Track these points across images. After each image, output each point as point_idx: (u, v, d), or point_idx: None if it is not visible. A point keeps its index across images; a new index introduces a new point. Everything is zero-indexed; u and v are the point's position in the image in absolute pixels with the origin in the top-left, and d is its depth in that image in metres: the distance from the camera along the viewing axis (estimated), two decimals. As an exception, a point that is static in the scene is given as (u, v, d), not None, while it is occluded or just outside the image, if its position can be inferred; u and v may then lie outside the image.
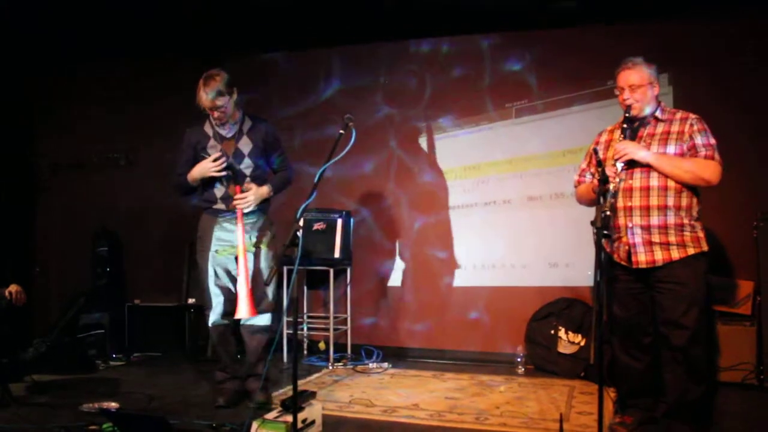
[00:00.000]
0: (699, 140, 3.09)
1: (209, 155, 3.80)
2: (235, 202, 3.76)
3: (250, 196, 3.77)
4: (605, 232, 2.75)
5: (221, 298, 3.89)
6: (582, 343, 4.71)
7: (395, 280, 5.67)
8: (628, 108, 3.17)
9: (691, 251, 3.08)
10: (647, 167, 3.10)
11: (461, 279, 5.49)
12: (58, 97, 6.59)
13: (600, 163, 2.96)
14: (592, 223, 2.78)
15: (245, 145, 3.85)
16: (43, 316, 6.21)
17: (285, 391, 4.15)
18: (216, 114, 3.74)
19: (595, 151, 3.12)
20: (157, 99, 6.30)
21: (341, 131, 3.05)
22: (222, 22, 5.43)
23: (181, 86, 6.20)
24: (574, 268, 5.15)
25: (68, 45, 5.85)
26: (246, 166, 3.84)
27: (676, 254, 3.07)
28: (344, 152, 2.93)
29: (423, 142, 5.71)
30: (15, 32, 5.41)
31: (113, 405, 3.76)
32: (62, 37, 5.65)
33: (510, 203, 5.42)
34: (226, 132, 3.85)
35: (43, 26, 5.34)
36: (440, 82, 5.66)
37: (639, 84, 3.14)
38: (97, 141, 6.45)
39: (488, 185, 5.49)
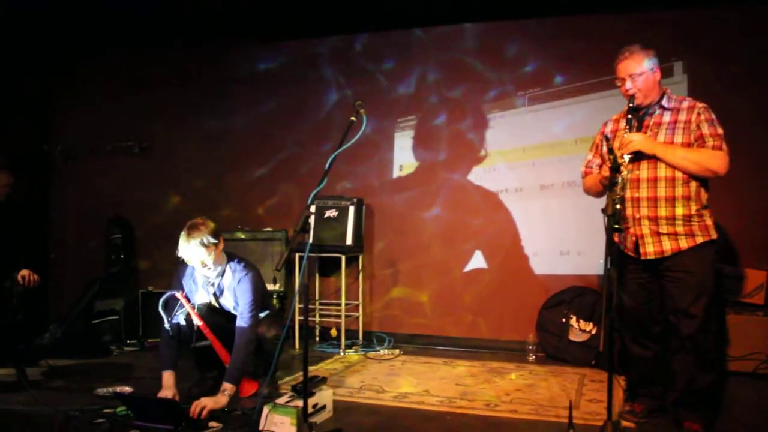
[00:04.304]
0: (706, 130, 3.03)
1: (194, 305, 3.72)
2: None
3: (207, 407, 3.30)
4: (616, 226, 2.73)
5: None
6: (593, 332, 4.71)
7: (407, 267, 5.68)
8: (631, 98, 3.12)
9: (699, 240, 3.04)
10: (654, 158, 3.06)
11: (472, 266, 5.49)
12: (73, 85, 6.65)
13: (611, 150, 2.93)
14: (603, 211, 2.79)
15: (227, 299, 3.77)
16: (58, 302, 6.30)
17: (296, 377, 4.18)
18: (197, 266, 3.61)
19: (606, 138, 3.09)
20: (170, 87, 6.34)
21: (352, 118, 3.04)
22: (230, 10, 5.43)
23: (194, 74, 6.30)
24: (586, 256, 5.14)
25: (83, 33, 5.88)
26: (232, 316, 3.72)
27: (684, 243, 3.04)
28: (355, 138, 2.93)
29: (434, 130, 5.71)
30: (29, 20, 5.44)
31: (127, 389, 3.81)
32: (77, 26, 5.69)
33: (522, 191, 5.41)
34: (210, 288, 3.75)
35: (58, 15, 5.36)
36: (452, 71, 5.63)
37: (639, 72, 3.08)
38: (110, 129, 6.50)
39: (500, 173, 5.48)
